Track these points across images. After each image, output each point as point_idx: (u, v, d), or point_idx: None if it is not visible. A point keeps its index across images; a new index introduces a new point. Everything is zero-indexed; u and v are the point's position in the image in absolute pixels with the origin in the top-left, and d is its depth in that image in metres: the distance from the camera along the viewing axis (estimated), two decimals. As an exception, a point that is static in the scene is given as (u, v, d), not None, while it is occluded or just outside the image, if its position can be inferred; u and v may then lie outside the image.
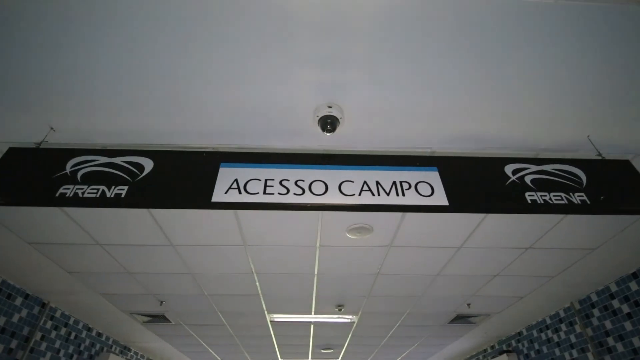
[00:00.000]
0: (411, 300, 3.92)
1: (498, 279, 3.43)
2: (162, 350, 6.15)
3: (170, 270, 3.19)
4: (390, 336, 5.30)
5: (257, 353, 6.32)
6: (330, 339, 5.41)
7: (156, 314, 4.31)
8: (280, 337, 5.32)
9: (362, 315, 4.37)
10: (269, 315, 4.37)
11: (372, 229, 2.52)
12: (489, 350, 5.97)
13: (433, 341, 5.61)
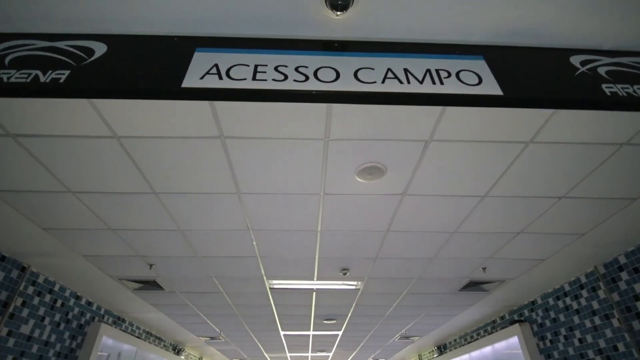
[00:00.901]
0: (422, 263, 3.60)
1: (521, 237, 3.09)
2: (158, 321, 5.92)
3: (155, 226, 2.85)
4: (396, 306, 5.03)
5: (257, 324, 6.09)
6: (333, 308, 5.15)
7: (147, 280, 4.01)
8: (280, 306, 5.05)
9: (367, 281, 4.06)
10: (269, 281, 4.07)
11: (385, 170, 2.15)
12: (498, 321, 5.73)
13: (440, 311, 5.35)
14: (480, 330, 6.30)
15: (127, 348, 5.68)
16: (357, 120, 1.82)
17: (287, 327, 6.27)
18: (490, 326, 5.96)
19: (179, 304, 4.92)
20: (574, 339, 4.08)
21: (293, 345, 8.03)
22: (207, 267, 3.66)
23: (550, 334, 4.47)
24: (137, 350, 5.97)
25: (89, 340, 4.64)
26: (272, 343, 7.73)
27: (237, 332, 6.74)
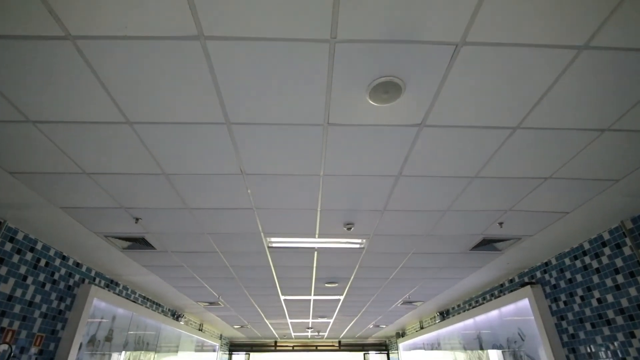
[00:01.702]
0: (434, 217, 3.29)
1: (548, 184, 2.75)
2: (153, 285, 5.71)
3: (134, 168, 2.50)
4: (401, 267, 4.78)
5: (256, 288, 5.90)
6: (335, 270, 4.90)
7: (135, 237, 3.72)
8: (280, 268, 4.80)
9: (373, 239, 3.77)
10: (267, 239, 3.78)
11: (403, 87, 1.77)
12: (506, 285, 5.52)
13: (447, 274, 5.11)
14: (486, 295, 6.11)
15: (122, 312, 5.50)
16: (371, 11, 1.43)
17: (288, 291, 6.08)
18: (497, 290, 5.76)
19: (173, 266, 4.67)
20: (592, 299, 3.84)
21: (293, 311, 7.92)
22: (199, 222, 3.35)
23: (565, 295, 4.23)
24: (133, 315, 5.80)
25: (79, 302, 4.42)
26: (272, 308, 7.61)
27: (236, 297, 6.58)
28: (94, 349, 4.75)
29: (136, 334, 5.98)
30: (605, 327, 3.67)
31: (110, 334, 5.17)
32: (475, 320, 6.39)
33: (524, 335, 4.96)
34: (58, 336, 4.15)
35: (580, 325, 4.00)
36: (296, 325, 10.07)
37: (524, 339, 4.94)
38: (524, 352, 4.94)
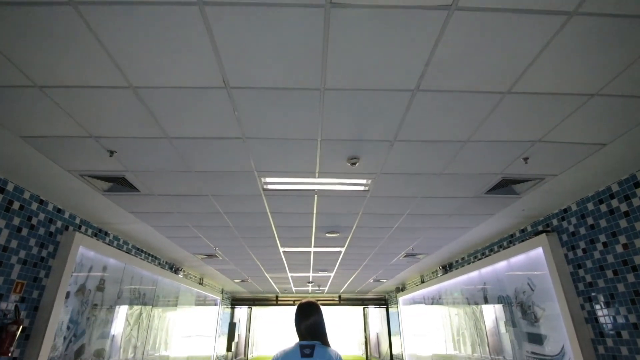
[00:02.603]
0: (451, 150, 2.87)
1: (592, 105, 2.31)
2: (146, 235, 5.44)
3: (94, 78, 2.05)
4: (407, 214, 4.45)
5: (254, 239, 5.63)
6: (336, 218, 4.58)
7: (114, 176, 3.34)
8: (277, 215, 4.48)
9: (379, 179, 3.39)
10: (261, 179, 3.39)
11: None
12: (517, 235, 5.23)
13: (455, 222, 4.80)
14: (494, 246, 5.86)
15: (114, 263, 5.27)
16: None
17: (287, 242, 5.83)
18: (507, 241, 5.49)
19: (162, 212, 4.34)
20: (616, 245, 3.53)
21: (293, 264, 7.77)
22: (182, 156, 2.94)
23: (585, 242, 3.92)
24: (126, 266, 5.58)
25: (63, 250, 4.13)
26: (272, 262, 7.44)
27: (234, 249, 6.35)
28: (84, 298, 4.55)
29: (131, 286, 5.81)
30: (630, 274, 3.38)
31: (101, 284, 4.96)
32: (481, 273, 6.20)
33: (534, 286, 4.74)
34: (42, 284, 3.90)
35: (600, 273, 3.73)
36: (297, 279, 10.04)
37: (534, 289, 4.72)
38: (532, 302, 4.75)
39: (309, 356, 1.86)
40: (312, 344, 1.94)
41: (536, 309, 4.68)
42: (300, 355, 1.86)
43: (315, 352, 1.89)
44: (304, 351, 1.89)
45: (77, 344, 4.44)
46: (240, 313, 15.52)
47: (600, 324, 3.71)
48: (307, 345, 1.92)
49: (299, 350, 1.90)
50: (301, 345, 1.93)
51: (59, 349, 4.10)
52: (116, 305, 5.35)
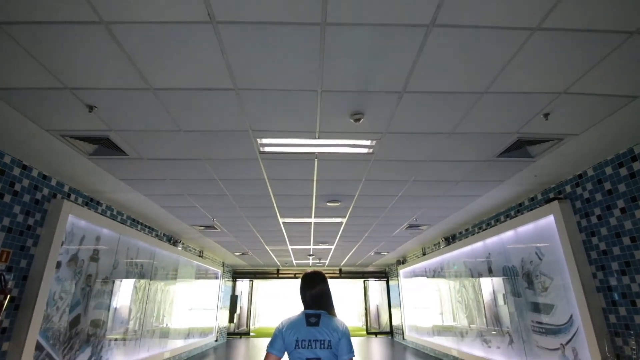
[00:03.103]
0: (466, 104, 2.60)
1: (628, 47, 2.02)
2: (140, 205, 5.24)
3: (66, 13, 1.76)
4: (413, 181, 4.22)
5: (252, 209, 5.44)
6: (338, 185, 4.36)
7: (97, 136, 3.08)
8: (276, 183, 4.25)
9: (384, 140, 3.13)
10: (257, 140, 3.14)
11: None
12: (525, 204, 5.03)
13: (463, 190, 4.58)
14: (500, 216, 5.67)
15: (108, 233, 5.10)
16: None
17: (286, 212, 5.64)
18: (515, 210, 5.29)
19: (154, 179, 4.12)
20: (635, 210, 3.31)
21: (294, 236, 7.64)
22: (168, 112, 2.68)
23: (601, 208, 3.71)
24: (121, 237, 5.42)
25: (51, 218, 3.94)
26: (272, 233, 7.30)
27: (233, 221, 6.18)
28: (77, 268, 4.41)
29: (127, 257, 5.67)
30: (649, 240, 3.19)
31: (95, 255, 4.81)
32: (485, 243, 6.05)
33: (542, 255, 4.58)
34: (30, 253, 3.73)
35: (615, 241, 3.54)
36: (297, 252, 9.97)
37: (542, 259, 4.56)
38: (540, 272, 4.60)
39: (314, 325, 1.79)
40: (318, 313, 1.86)
41: (544, 278, 4.54)
42: (306, 324, 1.79)
43: (321, 321, 1.82)
44: (310, 320, 1.81)
45: (72, 315, 4.33)
46: (242, 286, 15.66)
47: (613, 292, 3.55)
48: (313, 314, 1.85)
49: (305, 319, 1.83)
50: (307, 314, 1.86)
51: (53, 319, 3.98)
52: (112, 277, 5.23)
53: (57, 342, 4.05)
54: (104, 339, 5.02)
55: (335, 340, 1.77)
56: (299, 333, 1.77)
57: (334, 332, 1.78)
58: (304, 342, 1.74)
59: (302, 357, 1.73)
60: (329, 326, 1.80)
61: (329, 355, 1.74)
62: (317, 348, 1.73)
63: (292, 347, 1.76)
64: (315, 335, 1.76)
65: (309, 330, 1.77)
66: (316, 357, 1.71)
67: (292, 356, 1.78)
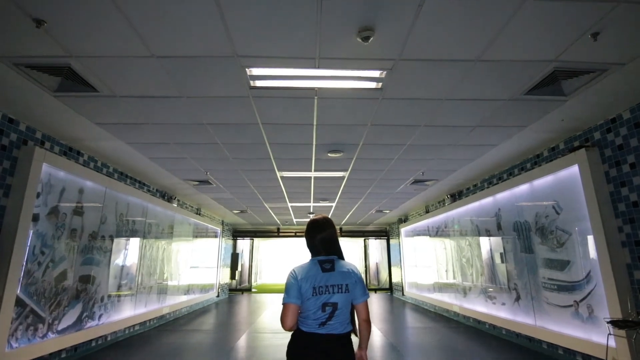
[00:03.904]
0: (499, 18, 2.10)
1: None
2: (124, 155, 4.84)
3: None
4: (424, 127, 3.78)
5: (247, 162, 5.05)
6: (340, 132, 3.92)
7: (56, 64, 2.61)
8: (271, 128, 3.81)
9: (397, 69, 2.65)
10: (246, 69, 2.66)
11: None
12: (544, 155, 4.61)
13: (478, 137, 4.14)
14: (514, 170, 5.28)
15: (92, 186, 4.74)
16: None
17: (284, 165, 5.25)
18: (531, 162, 4.89)
19: (133, 124, 3.68)
20: (680, 155, 2.91)
21: (293, 192, 7.31)
22: (135, 30, 2.19)
23: (635, 156, 3.31)
24: (107, 190, 5.07)
25: (22, 166, 3.57)
26: (270, 189, 6.97)
27: (228, 175, 5.81)
28: (59, 222, 4.09)
29: (117, 212, 5.37)
30: (694, 189, 2.81)
31: (79, 208, 4.49)
32: (496, 199, 5.71)
33: (560, 209, 4.24)
34: (1, 204, 3.39)
35: (651, 190, 3.17)
36: (297, 210, 9.73)
37: (560, 213, 4.23)
38: (556, 227, 4.29)
39: (330, 270, 1.72)
40: (330, 258, 1.79)
41: (560, 233, 4.24)
42: (322, 271, 1.72)
43: (336, 266, 1.76)
44: (324, 266, 1.74)
45: (57, 270, 4.08)
46: (243, 244, 15.69)
47: (642, 247, 3.24)
48: (327, 260, 1.77)
49: (319, 265, 1.75)
50: (320, 261, 1.77)
51: (35, 275, 3.73)
52: (101, 232, 4.95)
53: (41, 297, 3.83)
54: (95, 294, 4.83)
55: (352, 283, 1.72)
56: (315, 280, 1.69)
57: (349, 276, 1.73)
58: (321, 289, 1.67)
59: (318, 304, 1.66)
60: (344, 270, 1.74)
61: (344, 300, 1.69)
62: (335, 293, 1.68)
63: (308, 295, 1.67)
64: (332, 281, 1.70)
65: (324, 277, 1.70)
66: (333, 302, 1.66)
67: (307, 304, 1.68)
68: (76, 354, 4.49)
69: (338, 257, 1.82)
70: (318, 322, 1.66)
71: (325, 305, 1.65)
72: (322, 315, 1.65)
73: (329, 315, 1.65)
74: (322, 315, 1.65)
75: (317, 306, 1.66)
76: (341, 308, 1.67)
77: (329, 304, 1.65)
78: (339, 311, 1.66)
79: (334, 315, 1.65)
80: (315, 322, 1.66)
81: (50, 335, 3.96)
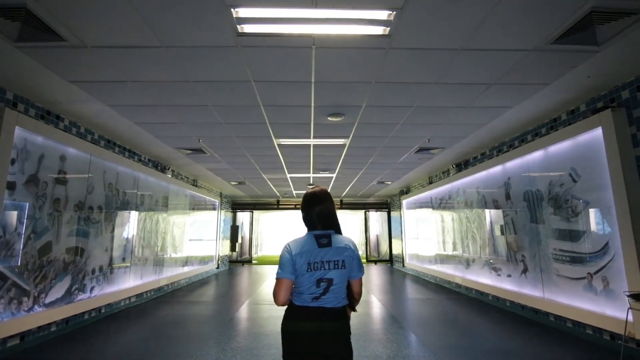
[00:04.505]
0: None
1: None
2: (109, 120, 4.49)
3: None
4: (433, 85, 3.42)
5: (241, 127, 4.71)
6: (341, 91, 3.56)
7: (10, 4, 2.23)
8: (264, 87, 3.45)
9: (408, 9, 2.27)
10: (232, 9, 2.28)
11: None
12: (562, 118, 4.26)
13: (492, 98, 3.79)
14: (527, 136, 4.94)
15: (75, 153, 4.44)
16: None
17: (281, 130, 4.91)
18: (546, 127, 4.54)
19: (111, 82, 3.31)
20: None
21: (292, 162, 7.01)
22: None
23: (670, 115, 2.97)
24: (92, 158, 4.77)
25: (-9, 129, 3.24)
26: (267, 159, 6.66)
27: (222, 142, 5.49)
28: (39, 191, 3.82)
29: (105, 181, 5.09)
30: None
31: (62, 177, 4.20)
32: (505, 167, 5.41)
33: (577, 176, 3.94)
34: (-31, 170, 3.10)
35: (685, 154, 2.85)
36: (297, 181, 9.46)
37: (577, 180, 3.94)
38: (572, 196, 4.01)
39: (326, 246, 1.64)
40: (327, 233, 1.70)
41: (575, 202, 3.97)
42: (318, 246, 1.64)
43: (333, 240, 1.67)
44: (321, 241, 1.65)
45: (40, 242, 3.84)
46: (243, 217, 15.58)
47: (670, 215, 2.97)
48: (323, 235, 1.68)
49: (315, 240, 1.66)
50: (316, 235, 1.68)
51: (14, 247, 3.49)
52: (89, 202, 4.69)
53: (24, 270, 3.61)
54: (86, 267, 4.64)
55: (349, 259, 1.66)
56: (310, 255, 1.62)
57: (346, 252, 1.66)
58: (317, 265, 1.61)
59: (313, 280, 1.60)
60: (341, 246, 1.66)
61: (340, 276, 1.63)
62: (330, 269, 1.61)
63: (303, 271, 1.61)
64: (328, 257, 1.62)
65: (320, 252, 1.63)
66: (328, 278, 1.60)
67: (301, 280, 1.61)
68: (67, 327, 4.35)
69: (335, 231, 1.74)
70: (312, 297, 1.60)
71: (320, 281, 1.59)
72: (316, 290, 1.60)
73: (323, 290, 1.60)
74: (317, 291, 1.60)
75: (311, 282, 1.59)
76: (336, 284, 1.61)
77: (324, 279, 1.59)
78: (334, 287, 1.61)
79: (328, 290, 1.60)
80: (309, 297, 1.60)
81: (37, 308, 3.78)
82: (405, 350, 3.57)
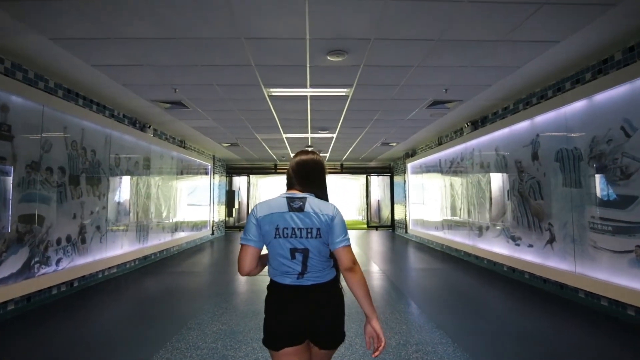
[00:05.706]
0: None
1: None
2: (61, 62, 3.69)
3: None
4: (468, 2, 2.60)
5: (221, 68, 3.90)
6: (343, 17, 2.74)
7: None
8: (243, 10, 2.63)
9: None
10: None
11: None
12: (615, 59, 3.45)
13: (538, 26, 2.97)
14: (564, 83, 4.14)
15: (22, 103, 3.68)
16: None
17: (271, 76, 4.10)
18: (593, 71, 3.73)
19: (41, 0, 2.50)
20: None
21: (287, 119, 6.22)
22: None
23: None
24: (45, 109, 4.00)
25: None
26: (259, 114, 5.87)
27: (203, 93, 4.69)
28: (-29, 147, 3.10)
29: (67, 139, 4.36)
30: None
31: (5, 130, 3.47)
32: (534, 122, 4.65)
33: (632, 130, 3.21)
34: None
35: None
36: (293, 142, 8.70)
37: (632, 134, 3.22)
38: (623, 154, 3.30)
39: (298, 210, 1.37)
40: (303, 196, 1.41)
41: (627, 162, 3.27)
42: (289, 209, 1.37)
43: (307, 204, 1.38)
44: (293, 205, 1.38)
45: (-21, 208, 3.20)
46: (240, 181, 14.97)
47: None
48: (298, 198, 1.40)
49: (287, 202, 1.39)
50: (289, 197, 1.40)
51: (-59, 214, 2.84)
52: (45, 162, 3.99)
53: (-41, 243, 2.99)
54: (47, 237, 4.02)
55: (325, 227, 1.36)
56: (279, 220, 1.36)
57: (322, 218, 1.37)
58: (286, 231, 1.36)
59: (284, 248, 1.36)
60: (316, 211, 1.37)
61: (317, 246, 1.36)
62: (303, 237, 1.35)
63: (270, 237, 1.37)
64: (301, 223, 1.36)
65: (290, 217, 1.36)
66: (303, 248, 1.35)
67: (271, 247, 1.39)
68: (30, 304, 3.80)
69: (316, 195, 1.45)
70: (293, 274, 1.36)
71: (294, 251, 1.35)
72: (291, 264, 1.35)
73: (301, 264, 1.35)
74: (293, 265, 1.35)
75: (284, 251, 1.36)
76: (314, 256, 1.36)
77: (298, 249, 1.36)
78: (311, 259, 1.36)
79: (307, 263, 1.35)
80: (289, 274, 1.36)
81: (-18, 286, 3.21)
82: (417, 335, 3.02)
